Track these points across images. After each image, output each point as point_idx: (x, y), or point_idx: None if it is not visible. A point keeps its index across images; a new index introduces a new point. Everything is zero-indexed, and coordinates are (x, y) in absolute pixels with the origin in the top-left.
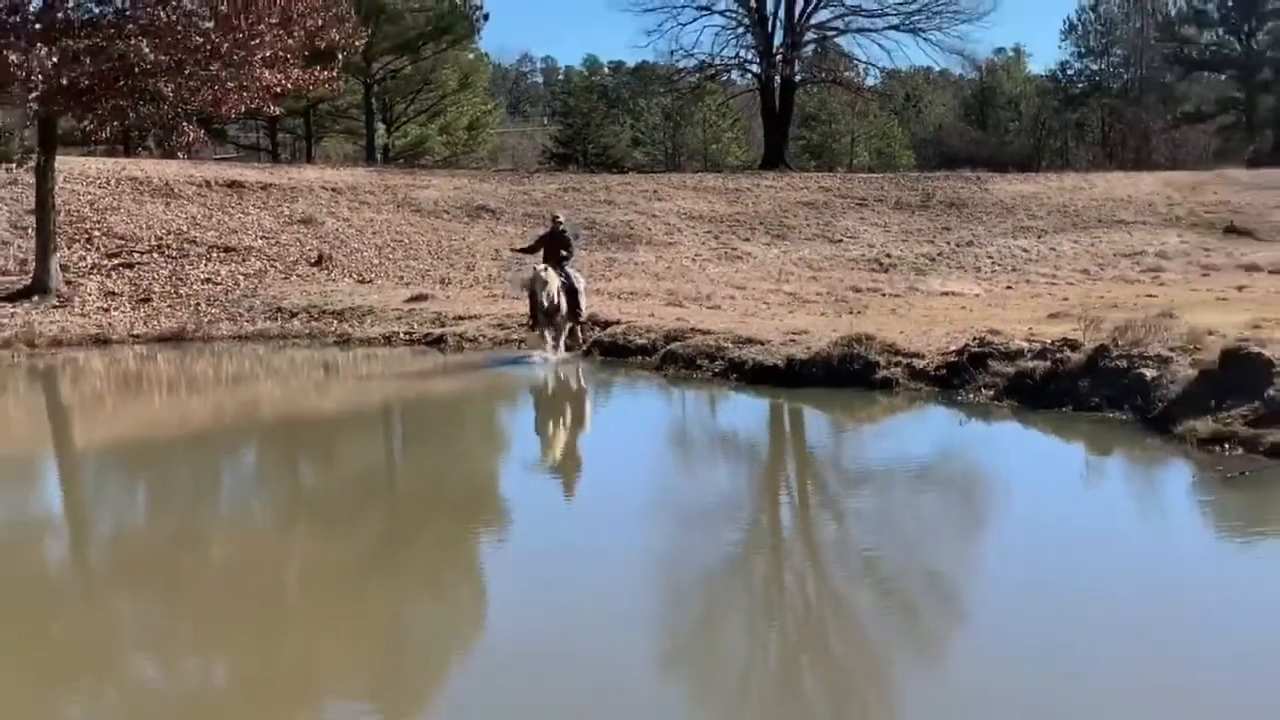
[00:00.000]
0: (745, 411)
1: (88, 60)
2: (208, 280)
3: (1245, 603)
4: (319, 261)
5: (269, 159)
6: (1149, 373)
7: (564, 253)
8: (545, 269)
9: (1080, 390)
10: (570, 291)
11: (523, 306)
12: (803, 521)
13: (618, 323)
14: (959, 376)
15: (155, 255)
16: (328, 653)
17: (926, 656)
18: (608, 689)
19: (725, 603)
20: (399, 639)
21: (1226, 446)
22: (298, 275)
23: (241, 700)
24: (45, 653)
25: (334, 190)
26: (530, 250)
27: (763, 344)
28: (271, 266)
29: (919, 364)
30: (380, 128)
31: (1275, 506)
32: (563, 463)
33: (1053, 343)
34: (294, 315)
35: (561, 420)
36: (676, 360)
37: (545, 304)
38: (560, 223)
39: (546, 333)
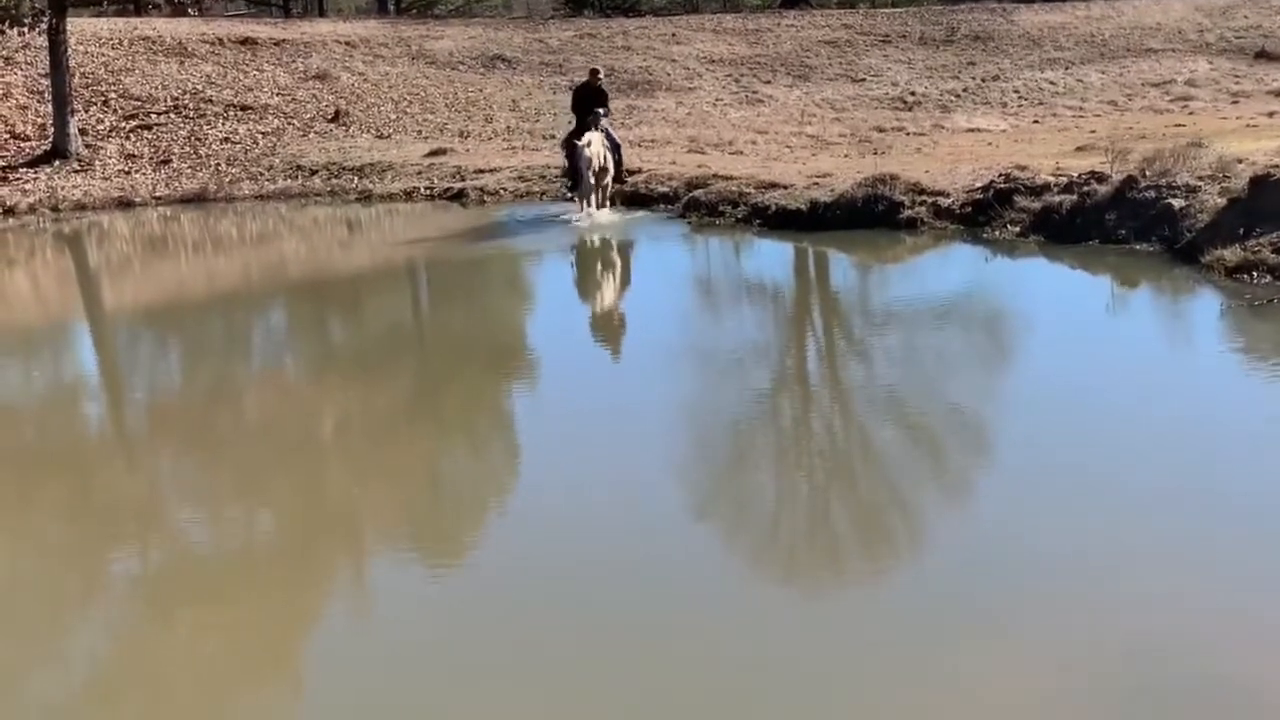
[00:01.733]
0: (770, 256)
1: None
2: (226, 140)
3: (1266, 425)
4: (336, 117)
5: (281, 14)
6: (1177, 203)
7: (600, 109)
8: (588, 142)
9: (1107, 223)
10: (615, 148)
11: (546, 159)
12: (829, 364)
13: (639, 171)
14: (985, 213)
15: (172, 116)
16: (366, 500)
17: (951, 490)
18: (639, 530)
19: (753, 444)
20: (436, 486)
21: (1254, 275)
22: (315, 132)
23: (284, 547)
24: (88, 511)
25: (348, 44)
26: (578, 119)
27: (786, 188)
28: (289, 124)
29: (944, 202)
30: None
31: None
32: (591, 313)
33: (1079, 176)
34: (314, 173)
35: (588, 272)
36: (699, 207)
37: (595, 166)
38: (600, 76)
39: (591, 195)
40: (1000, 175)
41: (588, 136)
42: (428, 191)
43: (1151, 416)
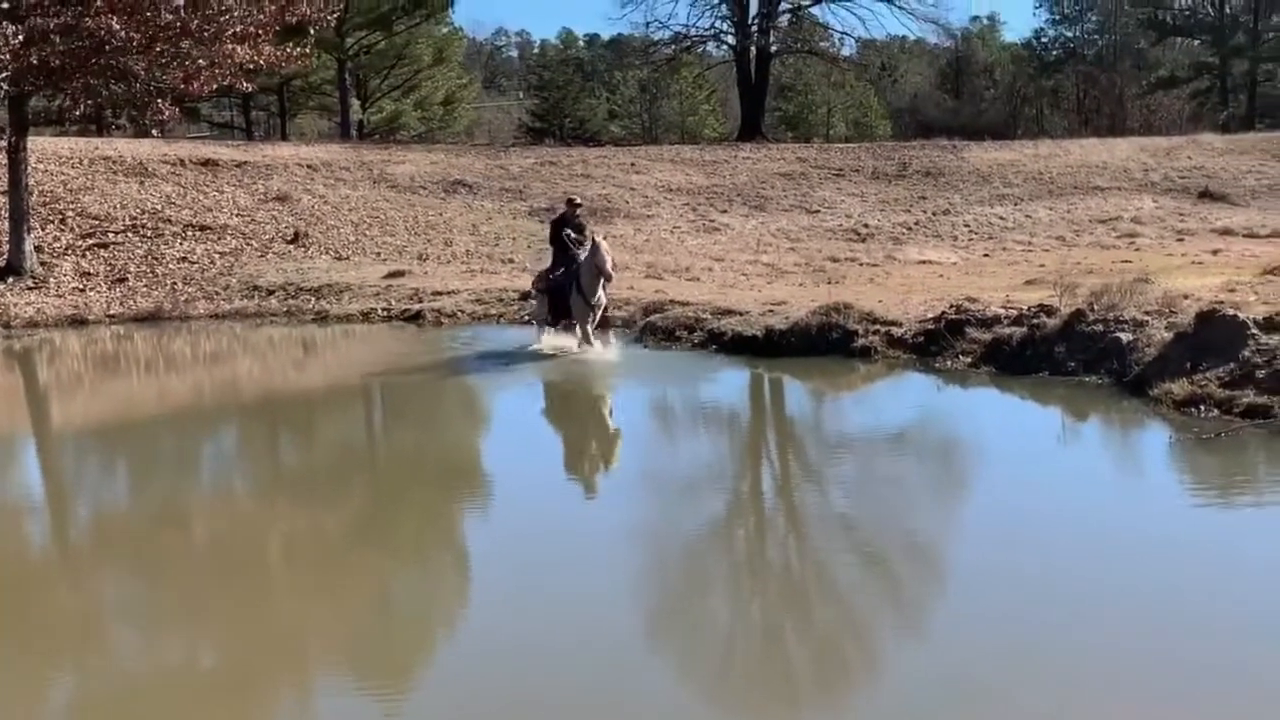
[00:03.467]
0: (725, 382)
1: (57, 38)
2: (183, 259)
3: (1220, 564)
4: (295, 239)
5: (243, 136)
6: (1125, 336)
7: (590, 232)
8: (603, 251)
9: (1056, 355)
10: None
11: (505, 282)
12: (784, 490)
13: None
14: (936, 344)
15: (130, 235)
16: (313, 627)
17: (906, 621)
18: (593, 659)
19: (709, 572)
20: (384, 613)
21: (1202, 408)
22: (274, 253)
23: (228, 675)
24: (29, 631)
25: (309, 167)
26: (555, 252)
27: (741, 314)
28: (247, 245)
29: (897, 332)
30: (355, 104)
31: (1250, 468)
32: (544, 436)
33: (1029, 309)
34: (271, 293)
35: (542, 395)
36: (656, 332)
37: (592, 293)
38: (579, 206)
39: (581, 326)
40: (951, 306)
41: (601, 241)
42: (385, 313)
43: (1102, 545)
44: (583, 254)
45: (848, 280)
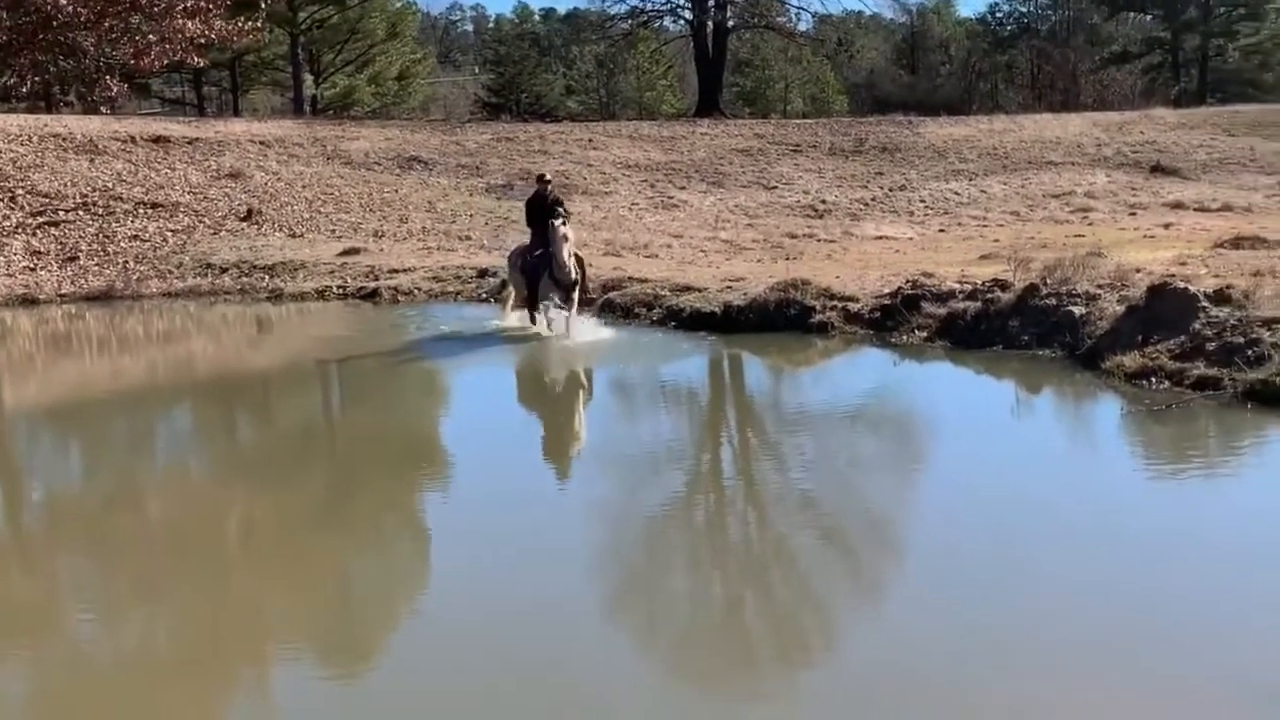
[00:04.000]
0: (684, 358)
1: (4, 14)
2: (135, 237)
3: (1174, 536)
4: (248, 216)
5: (194, 113)
6: (1077, 310)
7: (559, 210)
8: (564, 235)
9: (1011, 329)
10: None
11: (461, 259)
12: (743, 465)
13: None
14: (893, 319)
15: (81, 213)
16: (272, 608)
17: (865, 595)
18: (553, 636)
19: (669, 547)
20: (344, 593)
21: (1153, 380)
22: (227, 230)
23: (186, 657)
24: None
25: (262, 143)
26: (534, 233)
27: (700, 291)
28: (200, 222)
29: (854, 307)
30: (308, 79)
31: (1201, 439)
32: (503, 414)
33: (984, 284)
34: (224, 271)
35: (500, 373)
36: (614, 309)
37: (566, 271)
38: (549, 182)
39: (554, 307)
40: (908, 282)
41: (563, 230)
42: (340, 290)
43: (1056, 519)
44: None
45: (805, 256)
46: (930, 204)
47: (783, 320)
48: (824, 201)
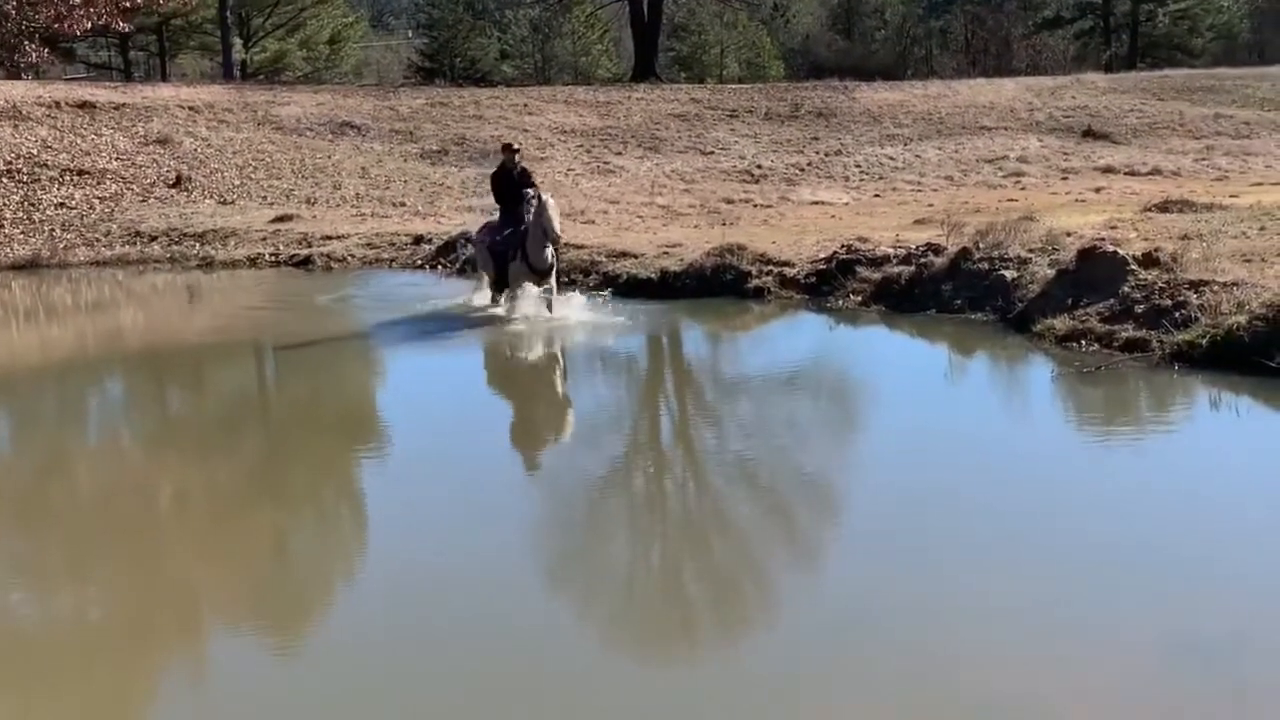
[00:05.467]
0: (620, 325)
1: None
2: (61, 205)
3: (1104, 493)
4: (177, 183)
5: (121, 78)
6: (1009, 274)
7: (529, 191)
8: (546, 206)
9: (944, 293)
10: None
11: (396, 226)
12: (681, 431)
13: None
14: (828, 283)
15: (5, 180)
16: (208, 579)
17: (802, 555)
18: (493, 603)
19: (608, 514)
20: (279, 563)
21: (1083, 343)
22: (156, 198)
23: (120, 629)
24: None
25: (191, 109)
26: (503, 210)
27: (637, 257)
28: (128, 189)
29: (790, 272)
30: (237, 43)
31: (1129, 400)
32: (439, 383)
33: (918, 248)
34: (154, 239)
35: (437, 342)
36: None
37: (541, 256)
38: (517, 152)
39: (512, 290)
40: (843, 247)
41: (546, 199)
42: (273, 258)
43: (989, 479)
44: (529, 215)
45: (742, 222)
46: (865, 169)
47: (719, 286)
48: (760, 167)
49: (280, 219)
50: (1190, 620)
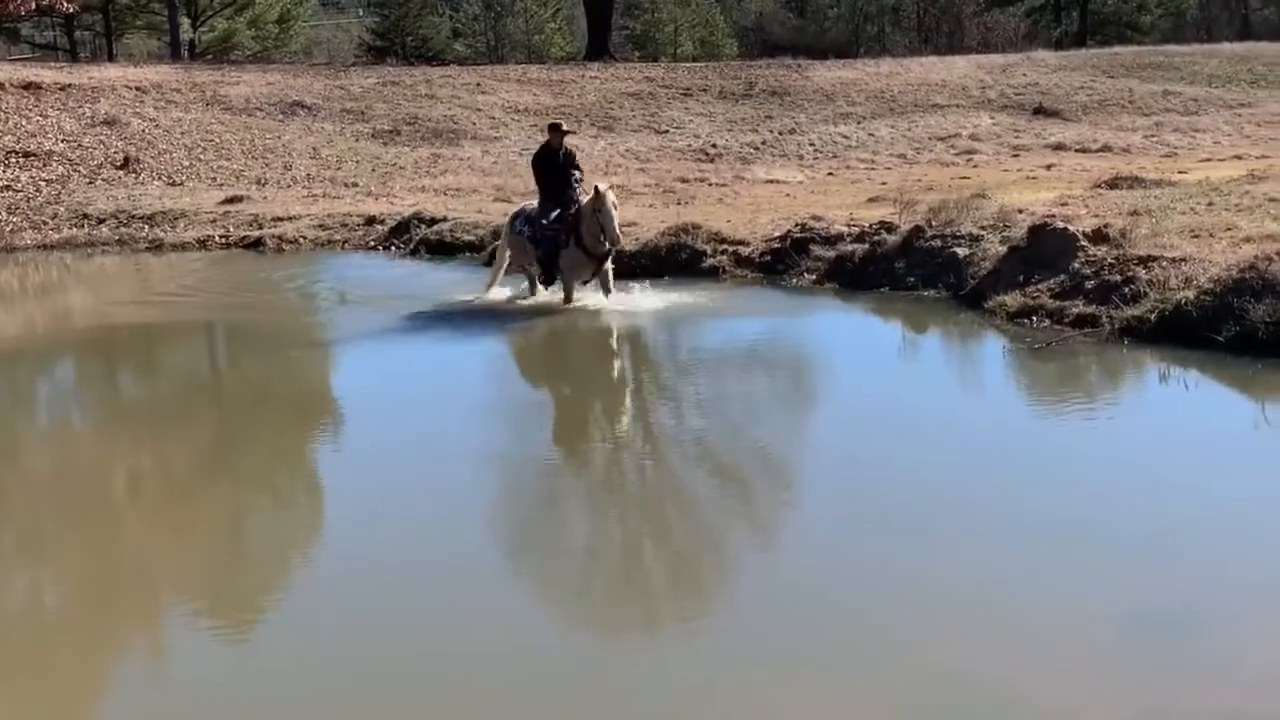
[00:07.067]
0: (573, 305)
1: None
2: (7, 188)
3: (1057, 467)
4: (125, 164)
5: (67, 58)
6: (961, 251)
7: (577, 173)
8: (611, 202)
9: (897, 270)
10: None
11: (348, 207)
12: (638, 409)
13: (444, 220)
14: (783, 262)
15: None
16: (162, 561)
17: (760, 531)
18: (451, 583)
19: (566, 493)
20: (235, 545)
21: (1034, 319)
22: (103, 179)
23: (74, 613)
24: None
25: (138, 89)
26: (545, 193)
27: None
28: (75, 171)
29: (744, 251)
30: (184, 22)
31: (1079, 375)
32: (394, 363)
33: (871, 226)
34: (101, 221)
35: (391, 321)
36: None
37: (597, 248)
38: (568, 132)
39: (566, 283)
40: (797, 225)
41: (606, 193)
42: (223, 240)
43: (942, 455)
44: (583, 198)
45: (697, 201)
46: (819, 147)
47: (674, 265)
48: (715, 146)
49: (230, 200)
50: (1147, 592)
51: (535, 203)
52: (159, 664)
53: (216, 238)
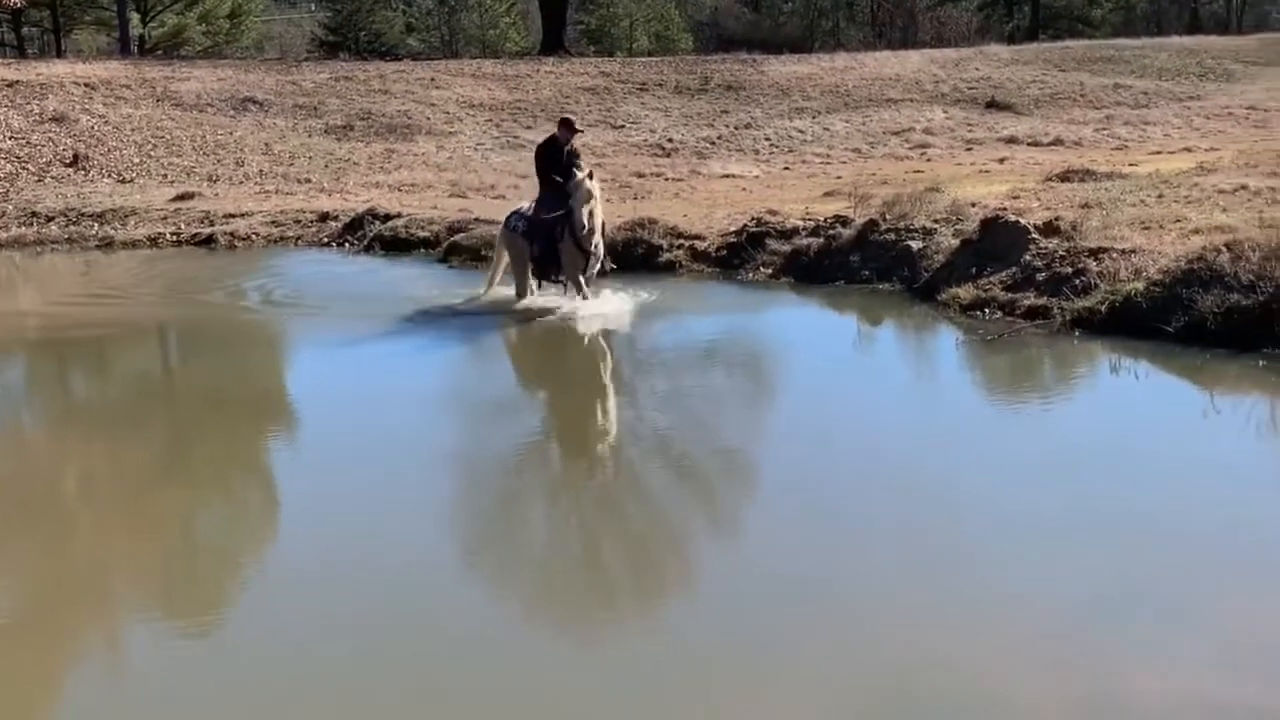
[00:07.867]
0: (530, 302)
1: None
2: None
3: (1008, 456)
4: (75, 162)
5: (15, 54)
6: (915, 244)
7: (578, 172)
8: (588, 194)
9: (852, 264)
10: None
11: (301, 203)
12: (596, 405)
13: (399, 216)
14: (739, 256)
15: None
16: (117, 564)
17: (720, 524)
18: (409, 582)
19: (524, 491)
20: (189, 547)
21: (986, 311)
22: (52, 177)
23: (28, 617)
24: None
25: (87, 85)
26: (548, 187)
27: None
28: (23, 169)
29: (701, 245)
30: (134, 17)
31: (1031, 366)
32: (348, 363)
33: (826, 220)
34: (50, 219)
35: (344, 320)
36: (461, 252)
37: (585, 236)
38: (579, 131)
39: (572, 277)
40: (753, 220)
41: (587, 186)
42: (175, 237)
43: (899, 443)
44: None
45: (653, 196)
46: (775, 142)
47: (631, 260)
48: (671, 140)
49: (181, 197)
50: (1098, 578)
51: (529, 203)
52: (114, 666)
53: (168, 235)
